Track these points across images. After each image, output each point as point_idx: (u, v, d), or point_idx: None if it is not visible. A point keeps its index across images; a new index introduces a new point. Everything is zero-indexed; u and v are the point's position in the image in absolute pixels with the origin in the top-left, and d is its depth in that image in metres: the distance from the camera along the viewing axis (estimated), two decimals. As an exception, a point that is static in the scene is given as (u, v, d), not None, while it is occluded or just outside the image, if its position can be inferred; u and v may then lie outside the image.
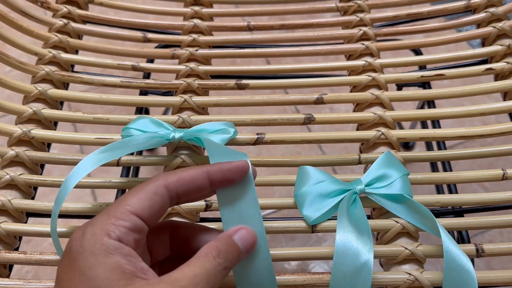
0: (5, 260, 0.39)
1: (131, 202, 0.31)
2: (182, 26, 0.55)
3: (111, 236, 0.29)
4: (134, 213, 0.30)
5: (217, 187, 0.34)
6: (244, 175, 0.34)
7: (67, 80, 0.51)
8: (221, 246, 0.31)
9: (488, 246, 0.39)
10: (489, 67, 0.49)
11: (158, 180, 0.32)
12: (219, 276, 0.31)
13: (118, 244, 0.29)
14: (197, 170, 0.33)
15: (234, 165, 0.34)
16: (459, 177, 0.43)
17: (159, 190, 0.31)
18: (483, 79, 0.50)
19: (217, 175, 0.33)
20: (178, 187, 0.32)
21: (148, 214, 0.31)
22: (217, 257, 0.31)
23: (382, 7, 0.57)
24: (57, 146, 0.92)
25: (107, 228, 0.29)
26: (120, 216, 0.30)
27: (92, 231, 0.30)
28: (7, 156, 0.44)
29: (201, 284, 0.29)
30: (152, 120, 0.43)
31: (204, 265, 0.30)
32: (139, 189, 0.31)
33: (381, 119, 0.46)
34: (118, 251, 0.29)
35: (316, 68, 0.51)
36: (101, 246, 0.29)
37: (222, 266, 0.31)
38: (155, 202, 0.31)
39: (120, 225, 0.30)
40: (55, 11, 0.55)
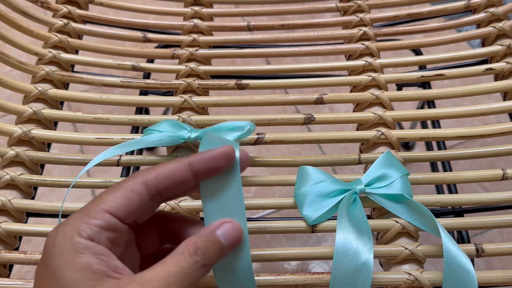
0: (5, 260, 0.39)
1: (107, 200, 0.30)
2: (182, 26, 0.55)
3: (81, 235, 0.29)
4: (109, 211, 0.29)
5: (203, 177, 0.32)
6: (230, 162, 0.32)
7: (67, 80, 0.51)
8: (200, 243, 0.30)
9: (488, 246, 0.39)
10: (489, 67, 0.49)
11: (136, 177, 0.31)
12: (196, 274, 0.29)
13: (89, 243, 0.28)
14: (177, 163, 0.32)
15: (217, 151, 0.32)
16: (459, 177, 0.43)
17: (136, 187, 0.30)
18: (483, 79, 0.50)
19: (199, 165, 0.32)
20: (157, 183, 0.31)
21: (124, 212, 0.30)
22: (194, 254, 0.29)
23: (382, 7, 0.57)
24: (57, 146, 0.93)
25: (78, 227, 0.29)
26: (93, 214, 0.29)
27: (64, 230, 0.29)
28: (7, 156, 0.44)
29: (175, 285, 0.28)
30: (172, 122, 0.43)
31: (180, 263, 0.29)
32: (116, 187, 0.31)
33: (381, 119, 0.46)
34: (88, 251, 0.28)
35: (316, 68, 0.51)
36: (70, 246, 0.28)
37: (200, 264, 0.29)
38: (131, 200, 0.30)
39: (92, 224, 0.29)
40: (55, 11, 0.55)
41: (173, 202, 0.41)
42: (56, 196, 0.96)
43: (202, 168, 0.32)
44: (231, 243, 0.31)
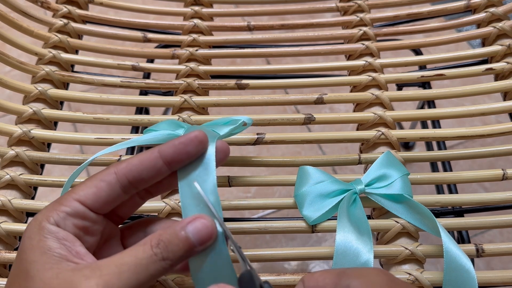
0: (5, 260, 0.39)
1: (78, 189, 0.31)
2: (182, 26, 0.55)
3: (49, 221, 0.30)
4: (78, 199, 0.30)
5: (175, 164, 0.32)
6: (200, 146, 0.32)
7: (67, 80, 0.51)
8: (164, 236, 0.29)
9: (488, 246, 0.39)
10: (489, 67, 0.49)
11: (109, 168, 0.32)
12: (153, 267, 0.29)
13: (54, 228, 0.30)
14: (147, 152, 0.32)
15: (185, 137, 0.32)
16: (459, 177, 0.43)
17: (106, 177, 0.31)
18: (483, 79, 0.50)
19: (169, 151, 0.31)
20: (127, 173, 0.31)
21: (92, 201, 0.31)
22: (155, 246, 0.29)
23: (382, 7, 0.57)
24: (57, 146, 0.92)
25: (47, 214, 0.30)
26: (63, 202, 0.30)
27: (36, 217, 0.30)
28: (7, 156, 0.44)
29: (126, 275, 0.28)
30: (171, 122, 0.43)
31: (137, 253, 0.29)
32: (89, 178, 0.32)
33: (381, 119, 0.46)
34: (52, 235, 0.29)
35: (316, 68, 0.51)
36: (37, 231, 0.29)
37: (159, 256, 0.29)
38: (100, 189, 0.31)
39: (60, 210, 0.30)
40: (55, 11, 0.55)
41: (173, 202, 0.41)
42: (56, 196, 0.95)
43: (172, 154, 0.32)
44: (201, 240, 0.30)
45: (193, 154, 0.32)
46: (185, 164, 0.33)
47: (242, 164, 0.43)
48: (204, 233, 0.30)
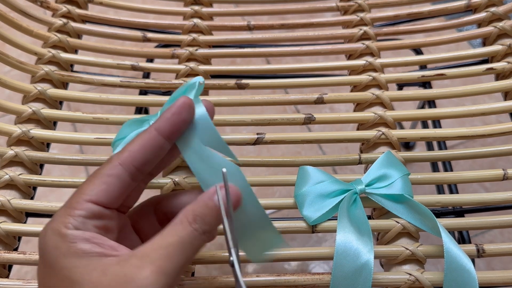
0: (4, 260, 0.39)
1: (86, 189, 0.30)
2: (182, 25, 0.55)
3: (68, 228, 0.29)
4: (90, 200, 0.30)
5: (174, 137, 0.32)
6: (192, 110, 0.32)
7: (67, 79, 0.50)
8: (197, 210, 0.30)
9: (489, 246, 0.39)
10: (489, 67, 0.49)
11: (111, 161, 0.31)
12: (196, 242, 0.29)
13: (78, 232, 0.29)
14: (144, 134, 0.32)
15: (175, 106, 0.32)
16: (459, 177, 0.43)
17: (113, 170, 0.30)
18: (484, 79, 0.50)
19: (166, 126, 0.31)
20: (133, 161, 0.31)
21: (105, 198, 0.30)
22: (193, 222, 0.29)
23: (383, 7, 0.57)
24: (56, 146, 0.92)
25: (64, 221, 0.29)
26: (76, 206, 0.30)
27: (51, 227, 0.29)
28: (6, 156, 0.44)
29: (176, 255, 0.28)
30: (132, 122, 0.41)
31: (178, 233, 0.29)
32: (94, 175, 0.31)
33: (382, 119, 0.46)
34: (78, 239, 0.29)
35: (316, 67, 0.51)
36: (61, 239, 0.29)
37: (200, 231, 0.29)
38: (111, 184, 0.30)
39: (75, 215, 0.29)
40: (55, 10, 0.55)
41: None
42: (56, 196, 0.96)
43: (170, 128, 0.32)
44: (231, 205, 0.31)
45: (188, 120, 0.32)
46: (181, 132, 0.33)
47: (242, 164, 0.43)
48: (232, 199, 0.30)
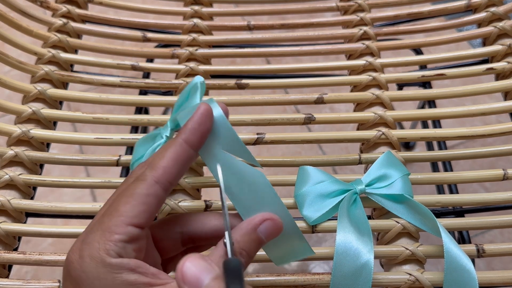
0: (4, 260, 0.39)
1: (125, 211, 0.29)
2: (182, 25, 0.55)
3: (111, 255, 0.28)
4: (130, 223, 0.29)
5: (201, 145, 0.32)
6: (212, 116, 0.32)
7: (67, 79, 0.50)
8: (243, 243, 0.30)
9: (489, 247, 0.39)
10: (490, 67, 0.49)
11: (145, 178, 0.30)
12: None
13: (121, 261, 0.28)
14: (174, 148, 0.31)
15: (198, 116, 0.31)
16: (459, 177, 0.43)
17: (151, 190, 0.29)
18: (484, 79, 0.50)
19: (195, 137, 0.31)
20: (168, 178, 0.30)
21: (145, 220, 0.29)
22: (239, 256, 0.29)
23: (383, 7, 0.57)
24: (56, 146, 0.92)
25: (104, 247, 0.28)
26: (115, 229, 0.28)
27: (90, 253, 0.28)
28: (6, 156, 0.44)
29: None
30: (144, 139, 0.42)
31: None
32: (129, 195, 0.29)
33: (382, 119, 0.46)
34: (124, 269, 0.28)
35: (316, 67, 0.51)
36: (104, 269, 0.27)
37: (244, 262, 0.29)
38: (150, 205, 0.29)
39: (116, 240, 0.28)
40: (55, 10, 0.55)
41: (172, 202, 0.41)
42: (56, 196, 0.96)
43: (198, 139, 0.31)
44: (271, 237, 0.31)
45: (211, 128, 0.32)
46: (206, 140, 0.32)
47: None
48: (274, 232, 0.31)
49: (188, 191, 0.42)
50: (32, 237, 0.40)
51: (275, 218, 0.31)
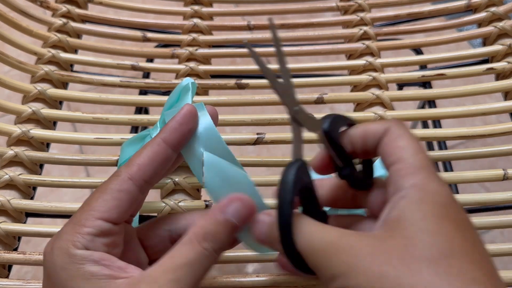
0: (4, 260, 0.39)
1: (96, 206, 0.29)
2: (182, 25, 0.55)
3: (77, 247, 0.28)
4: (100, 217, 0.29)
5: (182, 146, 0.32)
6: (196, 118, 0.32)
7: (67, 79, 0.50)
8: (207, 227, 0.29)
9: (489, 247, 0.39)
10: (490, 67, 0.49)
11: (120, 175, 0.30)
12: (207, 262, 0.28)
13: (86, 253, 0.28)
14: (152, 146, 0.31)
15: (181, 115, 0.31)
16: (460, 177, 0.43)
17: (124, 186, 0.30)
18: (484, 79, 0.50)
19: (174, 137, 0.31)
20: (143, 175, 0.30)
21: (116, 214, 0.29)
22: (202, 241, 0.28)
23: (383, 7, 0.57)
24: (56, 146, 0.92)
25: (72, 239, 0.28)
26: (85, 223, 0.29)
27: (59, 245, 0.28)
28: (6, 156, 0.44)
29: (184, 279, 0.27)
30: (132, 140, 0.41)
31: (186, 254, 0.28)
32: (103, 190, 0.30)
33: (382, 119, 0.46)
34: (87, 260, 0.28)
35: (316, 67, 0.51)
36: (69, 259, 0.28)
37: (210, 250, 0.28)
38: (122, 200, 0.29)
39: (84, 233, 0.28)
40: (55, 10, 0.55)
41: (172, 202, 0.41)
42: (55, 196, 0.96)
43: (177, 139, 0.31)
44: (243, 219, 0.29)
45: (194, 129, 0.32)
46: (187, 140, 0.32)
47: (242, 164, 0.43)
48: (244, 212, 0.29)
49: (188, 191, 0.42)
50: (32, 237, 0.40)
51: (244, 198, 0.30)
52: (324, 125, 0.30)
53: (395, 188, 0.27)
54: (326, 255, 0.25)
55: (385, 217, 0.26)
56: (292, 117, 0.30)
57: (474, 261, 0.24)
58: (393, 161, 0.28)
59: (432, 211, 0.25)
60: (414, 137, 0.29)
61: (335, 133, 0.30)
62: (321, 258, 0.25)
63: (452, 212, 0.26)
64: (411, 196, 0.26)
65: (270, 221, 0.29)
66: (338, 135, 0.31)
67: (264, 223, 0.29)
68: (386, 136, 0.29)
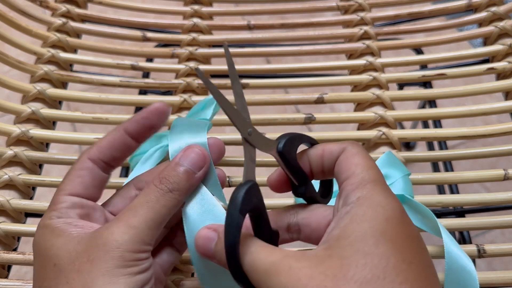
0: (3, 260, 0.39)
1: (63, 186, 0.32)
2: (182, 25, 0.55)
3: (52, 219, 0.31)
4: (69, 193, 0.32)
5: (141, 138, 0.34)
6: (163, 116, 0.33)
7: (66, 79, 0.50)
8: (164, 173, 0.31)
9: (490, 247, 0.39)
10: (490, 67, 0.49)
11: (80, 157, 0.33)
12: (163, 199, 0.30)
13: (60, 220, 0.31)
14: (112, 132, 0.33)
15: (145, 110, 0.33)
16: (460, 177, 0.43)
17: (84, 164, 0.32)
18: (485, 79, 0.50)
19: (133, 127, 0.33)
20: (100, 155, 0.33)
21: (82, 189, 0.32)
22: (159, 184, 0.31)
23: (383, 6, 0.57)
24: (56, 146, 0.92)
25: (48, 215, 0.31)
26: (56, 201, 0.32)
27: (39, 224, 0.31)
28: (5, 156, 0.44)
29: (142, 210, 0.30)
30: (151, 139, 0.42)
31: (145, 194, 0.30)
32: (68, 172, 0.33)
33: (382, 119, 0.46)
34: (61, 222, 0.30)
35: (316, 67, 0.51)
36: (46, 229, 0.30)
37: (166, 190, 0.31)
38: (83, 177, 0.32)
39: (57, 209, 0.31)
40: (54, 10, 0.55)
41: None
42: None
43: (136, 129, 0.33)
44: (197, 166, 0.32)
45: (157, 126, 0.34)
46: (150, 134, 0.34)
47: (242, 164, 0.43)
48: (197, 159, 0.32)
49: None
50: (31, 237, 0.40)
51: (197, 146, 0.33)
52: (279, 146, 0.31)
53: (343, 202, 0.28)
54: (267, 276, 0.26)
55: (328, 233, 0.28)
56: (243, 139, 0.31)
57: (407, 281, 0.24)
58: (345, 177, 0.29)
59: (372, 230, 0.26)
60: (369, 156, 0.30)
61: (290, 153, 0.32)
62: (263, 278, 0.26)
63: (394, 228, 0.26)
64: (354, 212, 0.27)
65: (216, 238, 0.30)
66: (294, 155, 0.32)
67: (211, 240, 0.30)
68: (342, 154, 0.31)
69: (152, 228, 0.30)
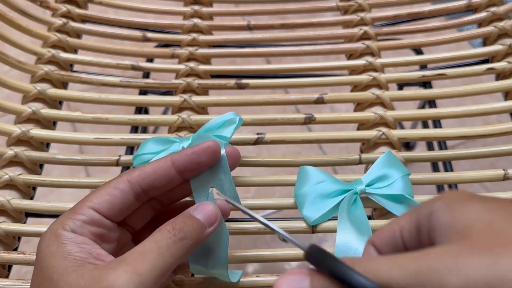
0: (4, 260, 0.39)
1: (91, 197, 0.31)
2: (182, 25, 0.55)
3: (65, 229, 0.30)
4: (92, 207, 0.31)
5: (187, 174, 0.33)
6: (213, 156, 0.33)
7: (66, 79, 0.50)
8: (177, 220, 0.31)
9: (490, 247, 0.39)
10: (490, 67, 0.49)
11: (121, 176, 0.32)
12: (174, 246, 0.30)
13: (71, 235, 0.30)
14: (160, 161, 0.33)
15: (199, 147, 0.33)
16: (460, 177, 0.43)
17: (120, 185, 0.32)
18: (484, 79, 0.50)
19: (181, 161, 0.33)
20: (141, 181, 0.32)
21: (107, 208, 0.31)
22: (171, 230, 0.30)
23: (383, 6, 0.57)
24: (56, 146, 0.92)
25: (63, 222, 0.30)
26: (78, 210, 0.31)
27: (51, 227, 0.31)
28: (6, 156, 0.44)
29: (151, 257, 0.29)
30: (158, 139, 0.42)
31: (156, 239, 0.30)
32: (103, 186, 0.32)
33: (382, 119, 0.46)
34: (70, 241, 0.30)
35: (316, 67, 0.51)
36: (54, 239, 0.30)
37: (178, 237, 0.30)
38: (114, 197, 0.31)
39: (75, 219, 0.30)
40: (54, 10, 0.55)
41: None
42: (55, 196, 0.96)
43: (184, 164, 0.33)
44: (210, 221, 0.32)
45: (206, 164, 0.33)
46: (197, 173, 0.33)
47: (242, 164, 0.43)
48: (211, 215, 0.32)
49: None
50: (32, 237, 0.40)
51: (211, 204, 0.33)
52: None
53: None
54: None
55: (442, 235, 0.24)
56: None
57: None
58: None
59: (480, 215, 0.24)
60: None
61: None
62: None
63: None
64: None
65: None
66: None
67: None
68: None
69: (158, 277, 0.29)
